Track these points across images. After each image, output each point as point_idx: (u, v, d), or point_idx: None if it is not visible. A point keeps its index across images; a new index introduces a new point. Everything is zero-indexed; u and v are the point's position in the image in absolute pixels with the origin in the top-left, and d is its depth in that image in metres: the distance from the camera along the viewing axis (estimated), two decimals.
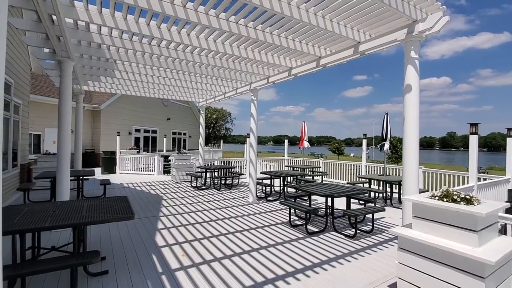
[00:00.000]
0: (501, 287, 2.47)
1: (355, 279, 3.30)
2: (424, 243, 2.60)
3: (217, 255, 3.88)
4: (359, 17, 4.15)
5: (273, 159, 13.46)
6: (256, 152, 7.77)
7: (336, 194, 5.06)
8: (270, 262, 3.70)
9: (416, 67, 3.90)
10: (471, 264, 2.29)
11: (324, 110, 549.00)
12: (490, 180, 6.81)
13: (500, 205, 2.61)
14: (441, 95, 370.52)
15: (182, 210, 6.38)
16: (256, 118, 7.68)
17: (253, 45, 5.35)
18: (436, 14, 3.75)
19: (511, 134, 7.37)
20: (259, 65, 6.66)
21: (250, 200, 7.42)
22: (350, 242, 4.58)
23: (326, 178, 11.46)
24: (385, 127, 9.43)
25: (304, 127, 11.57)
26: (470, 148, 6.16)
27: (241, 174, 10.84)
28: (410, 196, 2.99)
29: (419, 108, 3.91)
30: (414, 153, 3.84)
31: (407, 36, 3.91)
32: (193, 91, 9.64)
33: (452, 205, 2.52)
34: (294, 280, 3.25)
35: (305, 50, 5.17)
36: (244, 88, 8.39)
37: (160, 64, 6.20)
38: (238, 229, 5.10)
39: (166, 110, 21.55)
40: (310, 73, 6.10)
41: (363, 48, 4.61)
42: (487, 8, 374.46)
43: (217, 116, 47.14)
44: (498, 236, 2.69)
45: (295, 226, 5.35)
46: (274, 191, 8.82)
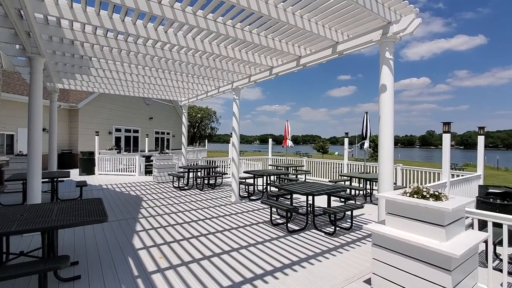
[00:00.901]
0: (467, 279, 2.58)
1: (333, 276, 3.36)
2: (396, 239, 2.67)
3: (196, 256, 3.83)
4: (336, 17, 4.20)
5: (257, 158, 13.47)
6: (239, 151, 7.74)
7: (317, 192, 5.13)
8: (249, 262, 3.70)
9: (390, 67, 3.99)
10: (438, 258, 2.38)
11: (309, 109, 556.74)
12: (462, 177, 7.11)
13: (466, 200, 2.72)
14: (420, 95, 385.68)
15: (163, 211, 6.26)
16: (239, 117, 7.65)
17: (232, 43, 5.31)
18: (409, 16, 3.86)
19: (481, 133, 7.73)
20: (240, 64, 6.63)
21: (233, 199, 7.39)
22: (329, 239, 4.65)
23: (310, 177, 11.59)
24: (365, 126, 9.68)
25: (287, 126, 11.65)
26: (443, 146, 6.39)
27: (224, 174, 10.78)
28: (383, 193, 3.07)
29: (393, 108, 4.01)
30: (389, 151, 3.94)
31: (382, 37, 4.00)
32: (175, 90, 9.48)
33: (422, 201, 2.61)
34: (273, 278, 3.26)
35: (285, 49, 5.19)
36: (227, 87, 8.34)
37: (138, 61, 6.04)
38: (219, 229, 5.06)
39: (148, 109, 21.08)
40: (290, 72, 6.13)
41: (341, 48, 4.68)
42: (464, 11, 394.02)
43: (202, 115, 46.70)
44: (465, 231, 2.82)
45: (277, 225, 5.37)
46: (257, 190, 8.83)
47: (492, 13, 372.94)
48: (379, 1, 3.66)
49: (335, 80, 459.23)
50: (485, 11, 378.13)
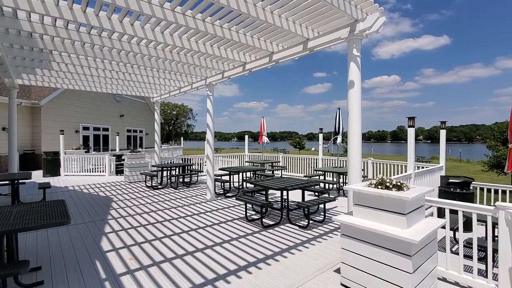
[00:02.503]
0: (427, 263, 2.76)
1: (305, 267, 3.44)
2: (362, 228, 2.79)
3: (168, 256, 3.75)
4: (306, 14, 4.26)
5: (234, 155, 13.43)
6: (216, 149, 7.66)
7: (291, 187, 5.21)
8: (223, 258, 3.68)
9: (358, 64, 4.13)
10: (400, 244, 2.51)
11: (286, 106, 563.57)
12: (426, 168, 7.57)
13: (425, 190, 2.90)
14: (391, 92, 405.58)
15: (134, 211, 6.05)
16: (213, 113, 7.55)
17: (204, 37, 5.21)
18: (375, 14, 3.99)
19: (443, 127, 8.25)
20: (213, 59, 6.53)
21: (208, 197, 7.31)
22: (303, 232, 4.75)
23: (286, 172, 11.76)
24: (338, 121, 9.98)
25: (263, 122, 11.70)
26: (409, 139, 6.74)
27: (200, 171, 10.63)
28: (351, 186, 3.19)
29: (361, 103, 4.15)
30: (357, 145, 4.08)
31: (349, 34, 4.12)
32: (146, 86, 9.14)
33: (385, 192, 2.73)
34: (246, 273, 3.27)
35: (257, 45, 5.19)
36: (200, 83, 8.19)
37: (104, 56, 5.74)
38: (193, 227, 4.99)
39: (119, 106, 20.19)
40: (264, 68, 6.15)
41: (312, 44, 4.76)
42: (429, 13, 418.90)
43: (178, 112, 45.58)
44: (425, 218, 3.00)
45: (252, 221, 5.40)
46: (233, 187, 8.80)
47: (454, 15, 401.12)
48: None
49: (311, 77, 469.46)
50: (448, 13, 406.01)
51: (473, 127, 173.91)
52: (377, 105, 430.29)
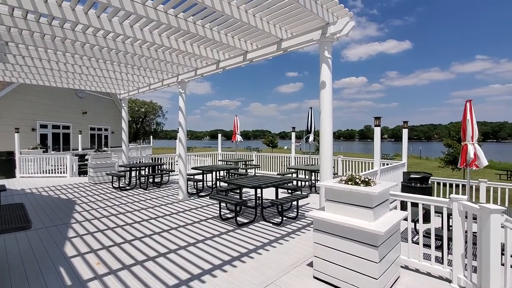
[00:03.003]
0: (391, 252, 2.96)
1: (279, 263, 3.51)
2: (333, 223, 2.92)
3: (139, 259, 3.62)
4: (280, 15, 4.32)
5: (207, 154, 13.26)
6: (186, 147, 7.50)
7: (265, 185, 5.27)
8: (197, 258, 3.64)
9: (329, 66, 4.29)
10: (367, 236, 2.67)
11: (259, 105, 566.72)
12: (391, 165, 8.09)
13: (390, 185, 3.11)
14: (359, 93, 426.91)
15: (100, 214, 5.74)
16: (185, 111, 7.39)
17: (176, 33, 5.07)
18: (345, 18, 4.17)
19: (405, 126, 8.86)
20: (185, 56, 6.38)
21: (180, 197, 7.15)
22: (277, 229, 4.84)
23: (259, 171, 11.86)
24: (310, 120, 10.26)
25: (236, 121, 11.69)
26: (375, 138, 7.16)
27: (171, 171, 10.35)
28: (323, 182, 3.32)
29: (332, 103, 4.32)
30: (328, 143, 4.25)
31: (321, 36, 4.26)
32: (113, 82, 8.67)
33: (354, 187, 2.89)
34: (221, 272, 3.27)
35: (231, 43, 5.17)
36: (171, 80, 7.95)
37: (66, 49, 5.35)
38: (165, 228, 4.86)
39: (81, 102, 18.94)
40: (238, 66, 6.14)
41: (285, 45, 4.86)
42: (394, 19, 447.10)
43: (146, 109, 43.79)
44: (390, 211, 3.22)
45: (226, 220, 5.39)
46: (206, 186, 8.70)
47: (416, 22, 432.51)
48: (318, 2, 3.88)
49: (283, 76, 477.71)
50: (410, 19, 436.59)
51: (432, 127, 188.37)
52: (346, 105, 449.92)
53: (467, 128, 5.07)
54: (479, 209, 2.70)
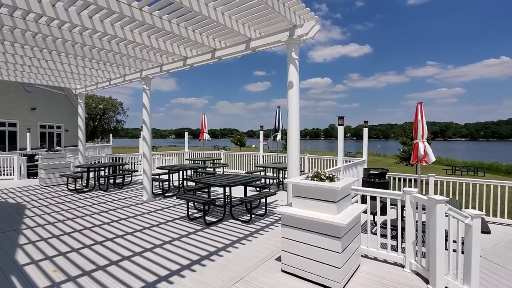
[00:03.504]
0: (353, 243, 3.17)
1: (248, 259, 3.56)
2: (300, 217, 3.04)
3: (101, 264, 3.42)
4: (249, 14, 4.36)
5: (173, 153, 12.86)
6: (151, 146, 7.22)
7: (233, 183, 5.28)
8: (164, 259, 3.55)
9: (296, 67, 4.43)
10: (331, 228, 2.84)
11: (227, 103, 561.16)
12: (352, 162, 8.60)
13: (352, 180, 3.32)
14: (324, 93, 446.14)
15: (55, 218, 5.30)
16: (150, 109, 7.11)
17: (140, 27, 4.85)
18: (311, 22, 4.34)
19: (366, 125, 9.45)
20: (150, 51, 6.13)
21: (145, 198, 6.87)
22: (246, 226, 4.89)
23: (228, 169, 11.82)
24: (278, 119, 10.46)
25: (204, 119, 11.50)
26: (338, 136, 7.54)
27: (135, 171, 9.88)
28: (290, 179, 3.44)
29: (299, 103, 4.47)
30: (295, 141, 4.39)
31: (289, 38, 4.39)
32: (67, 76, 8.01)
33: (319, 183, 3.04)
34: (190, 272, 3.23)
35: (199, 40, 5.09)
36: (135, 76, 7.57)
37: (15, 38, 4.84)
38: (129, 231, 4.64)
39: (30, 97, 17.17)
40: (206, 64, 6.06)
41: (254, 44, 4.91)
42: (355, 23, 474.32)
43: (105, 106, 41.09)
44: (351, 204, 3.44)
45: (194, 219, 5.30)
46: (172, 186, 8.45)
47: (375, 28, 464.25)
48: (286, 5, 3.99)
49: (251, 75, 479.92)
50: (371, 25, 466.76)
51: (389, 126, 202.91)
52: (312, 104, 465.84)
53: (418, 127, 5.57)
54: (427, 200, 3.01)
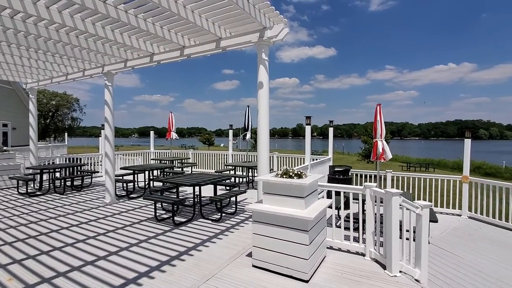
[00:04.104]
0: (319, 236, 3.36)
1: (219, 257, 3.59)
2: (270, 213, 3.15)
3: (61, 270, 3.22)
4: (219, 14, 4.37)
5: (137, 153, 12.32)
6: (114, 146, 6.86)
7: (203, 182, 5.25)
8: (132, 262, 3.44)
9: (266, 67, 4.56)
10: (300, 222, 2.99)
11: (194, 101, 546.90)
12: (319, 160, 8.99)
13: (318, 176, 3.52)
14: (292, 93, 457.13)
15: (6, 224, 4.82)
16: (112, 106, 6.75)
17: (102, 20, 4.59)
18: (280, 25, 4.49)
19: (331, 125, 9.93)
20: (113, 45, 5.83)
21: (108, 200, 6.52)
22: (216, 225, 4.90)
23: (196, 169, 11.64)
24: (247, 118, 10.54)
25: (171, 118, 11.20)
26: (306, 135, 7.85)
27: (95, 172, 9.31)
28: (260, 177, 3.54)
29: (269, 102, 4.60)
30: (265, 140, 4.52)
31: (259, 39, 4.49)
32: (17, 68, 7.29)
33: (289, 180, 3.18)
34: (159, 273, 3.17)
35: (167, 37, 4.97)
36: (95, 71, 7.13)
37: None
38: (91, 235, 4.40)
39: None
40: (174, 61, 5.93)
41: (224, 44, 4.93)
42: (321, 26, 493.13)
43: (59, 102, 37.76)
44: (318, 200, 3.63)
45: (162, 220, 5.17)
46: (138, 187, 8.12)
47: (340, 32, 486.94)
48: (257, 7, 4.08)
49: (219, 73, 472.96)
50: (335, 28, 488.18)
51: (352, 126, 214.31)
52: (280, 104, 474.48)
53: (377, 127, 6.03)
54: (384, 193, 3.31)
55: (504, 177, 24.67)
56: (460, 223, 5.80)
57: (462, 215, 6.21)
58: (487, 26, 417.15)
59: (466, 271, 3.80)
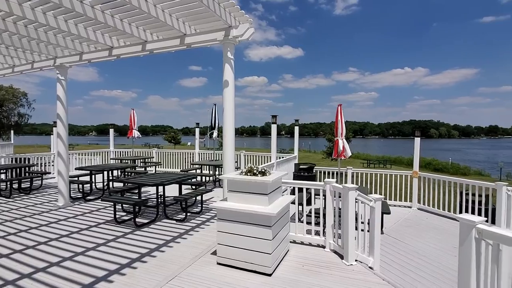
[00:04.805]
0: (282, 231, 3.48)
1: (183, 257, 3.55)
2: (235, 210, 3.20)
3: (9, 278, 2.96)
4: (183, 10, 4.27)
5: (95, 152, 11.57)
6: (68, 144, 6.38)
7: (167, 181, 5.13)
8: (89, 267, 3.26)
9: (231, 66, 4.56)
10: (263, 218, 3.07)
11: (159, 98, 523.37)
12: (284, 158, 9.22)
13: (281, 174, 3.64)
14: (260, 92, 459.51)
15: None
16: (66, 101, 6.26)
17: (55, 10, 4.23)
18: (246, 24, 4.51)
19: (297, 124, 10.23)
20: (67, 37, 5.41)
21: (61, 203, 6.05)
22: (181, 225, 4.82)
23: (161, 168, 11.27)
24: (213, 117, 10.45)
25: (133, 115, 10.69)
26: (272, 134, 8.00)
27: (46, 173, 8.58)
28: (225, 175, 3.56)
29: (234, 101, 4.61)
30: (231, 138, 4.53)
31: (224, 38, 4.48)
32: None
33: (253, 178, 3.25)
34: (119, 276, 3.05)
35: (128, 30, 4.74)
36: (46, 63, 6.54)
37: None
38: (42, 240, 4.07)
39: None
40: (136, 56, 5.68)
41: (189, 40, 4.84)
42: (289, 27, 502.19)
43: (4, 96, 34.02)
44: (282, 196, 3.75)
45: (123, 222, 4.95)
46: (96, 188, 7.65)
47: (306, 33, 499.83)
48: (222, 5, 4.07)
49: (186, 70, 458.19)
50: (302, 30, 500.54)
51: (318, 125, 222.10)
52: (249, 102, 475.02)
53: (339, 126, 6.36)
54: (342, 188, 3.52)
55: (450, 172, 27.54)
56: (410, 214, 6.37)
57: (413, 207, 6.82)
58: (437, 35, 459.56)
59: (412, 257, 4.20)
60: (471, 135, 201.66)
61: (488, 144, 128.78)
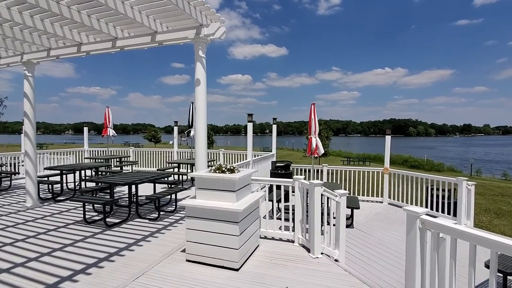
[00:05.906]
0: (251, 227, 3.56)
1: (153, 255, 3.55)
2: (203, 208, 3.24)
3: None
4: (153, 7, 4.23)
5: (68, 151, 11.17)
6: (36, 143, 6.14)
7: (139, 181, 5.07)
8: (54, 267, 3.20)
9: (203, 64, 4.57)
10: (230, 215, 3.14)
11: (140, 95, 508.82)
12: (261, 156, 9.32)
13: (250, 171, 3.71)
14: (244, 90, 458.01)
15: None
16: (34, 99, 6.02)
17: (21, 5, 4.08)
18: (217, 23, 4.53)
19: (274, 122, 10.36)
20: (34, 32, 5.21)
21: (29, 204, 5.83)
22: (153, 224, 4.79)
23: (138, 167, 11.07)
24: (191, 115, 10.37)
25: (107, 113, 10.41)
26: (248, 132, 8.05)
27: (15, 173, 8.21)
28: (195, 172, 3.59)
29: (206, 99, 4.62)
30: (203, 136, 4.55)
31: (195, 36, 4.47)
32: None
33: (221, 175, 3.30)
34: (84, 275, 3.02)
35: (96, 26, 4.63)
36: (13, 59, 6.25)
37: None
38: (7, 241, 3.94)
39: None
40: (106, 53, 5.55)
41: (160, 38, 4.79)
42: (273, 25, 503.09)
43: None
44: (251, 193, 3.83)
45: (93, 222, 4.85)
46: (67, 188, 7.41)
47: (290, 32, 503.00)
48: (192, 4, 4.06)
49: (168, 67, 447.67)
50: (286, 29, 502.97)
51: (302, 123, 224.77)
52: (233, 100, 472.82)
53: (312, 125, 6.52)
54: (308, 184, 3.65)
55: (425, 168, 28.75)
56: (381, 209, 6.65)
57: (384, 202, 7.12)
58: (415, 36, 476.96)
59: (379, 249, 4.41)
60: (447, 133, 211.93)
61: (461, 142, 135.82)
